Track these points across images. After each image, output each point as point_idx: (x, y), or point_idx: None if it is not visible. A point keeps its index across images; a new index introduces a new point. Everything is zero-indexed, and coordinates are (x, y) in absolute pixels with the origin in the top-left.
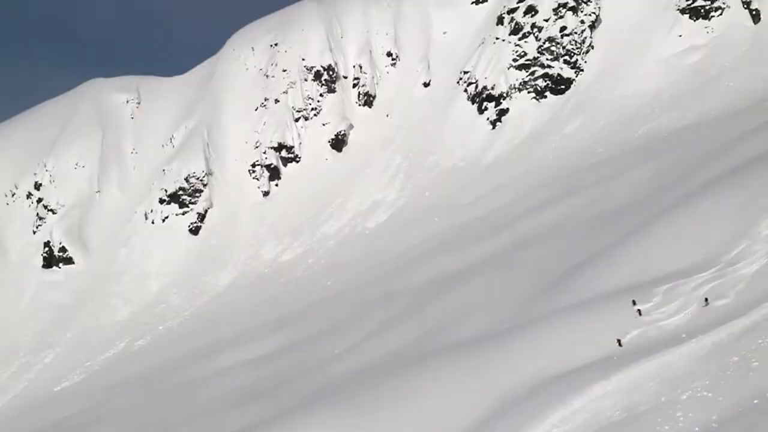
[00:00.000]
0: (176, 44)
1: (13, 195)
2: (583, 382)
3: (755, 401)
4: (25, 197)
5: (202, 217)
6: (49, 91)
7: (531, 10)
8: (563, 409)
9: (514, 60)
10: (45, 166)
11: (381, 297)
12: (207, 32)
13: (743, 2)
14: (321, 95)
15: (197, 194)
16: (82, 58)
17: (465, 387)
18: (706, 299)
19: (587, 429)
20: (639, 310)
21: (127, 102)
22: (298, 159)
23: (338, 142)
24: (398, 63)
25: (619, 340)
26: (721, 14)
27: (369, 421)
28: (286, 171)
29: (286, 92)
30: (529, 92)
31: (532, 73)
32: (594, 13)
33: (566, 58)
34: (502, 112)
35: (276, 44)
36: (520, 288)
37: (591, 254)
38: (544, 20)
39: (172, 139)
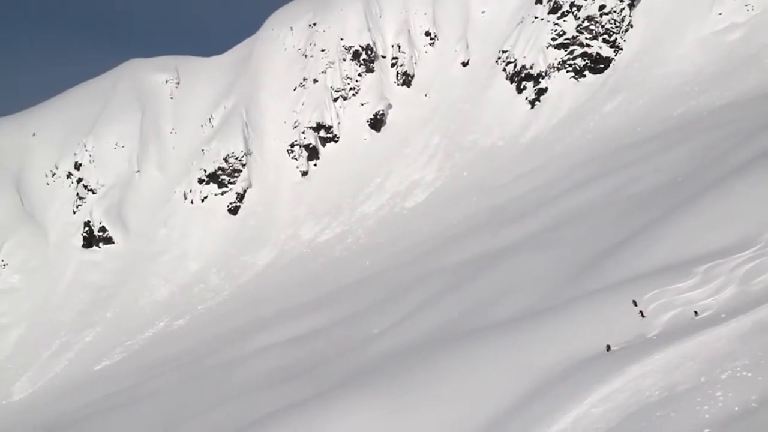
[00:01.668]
0: (215, 24)
1: (53, 175)
2: (622, 362)
3: None
4: (65, 177)
5: (241, 197)
6: (88, 71)
7: None
8: (603, 389)
9: (553, 39)
10: (85, 146)
11: (419, 277)
12: (246, 12)
13: None
14: (359, 75)
15: (236, 174)
16: (122, 38)
17: (503, 367)
18: (696, 312)
19: (627, 408)
20: (641, 311)
21: (167, 82)
22: (336, 139)
23: (377, 122)
24: (436, 42)
25: (608, 346)
26: None
27: (407, 402)
28: (324, 151)
29: (324, 72)
30: (567, 71)
31: (571, 52)
32: None
33: (605, 37)
34: (541, 92)
35: (314, 24)
36: (557, 268)
37: (628, 234)
38: None
39: (211, 119)
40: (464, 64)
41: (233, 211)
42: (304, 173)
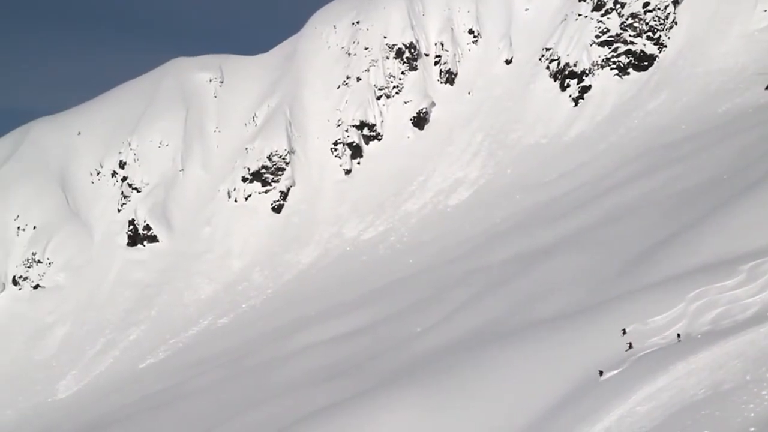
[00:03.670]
0: (259, 22)
1: (98, 174)
2: (666, 360)
3: None
4: (110, 176)
5: (284, 195)
6: (132, 70)
7: None
8: (647, 387)
9: (597, 36)
10: (129, 144)
11: (463, 275)
12: (289, 10)
13: None
14: (403, 73)
15: (279, 172)
16: (166, 37)
17: (547, 365)
18: (679, 335)
19: (671, 407)
20: (630, 343)
21: (210, 81)
22: (380, 137)
23: (420, 120)
24: (480, 40)
25: (600, 372)
26: None
27: (449, 401)
28: (368, 149)
29: (367, 70)
30: (611, 69)
31: (615, 50)
32: None
33: (649, 34)
34: (585, 89)
35: (358, 22)
36: (601, 266)
37: (674, 232)
38: None
39: (255, 118)
40: (507, 62)
41: (277, 209)
42: (348, 171)
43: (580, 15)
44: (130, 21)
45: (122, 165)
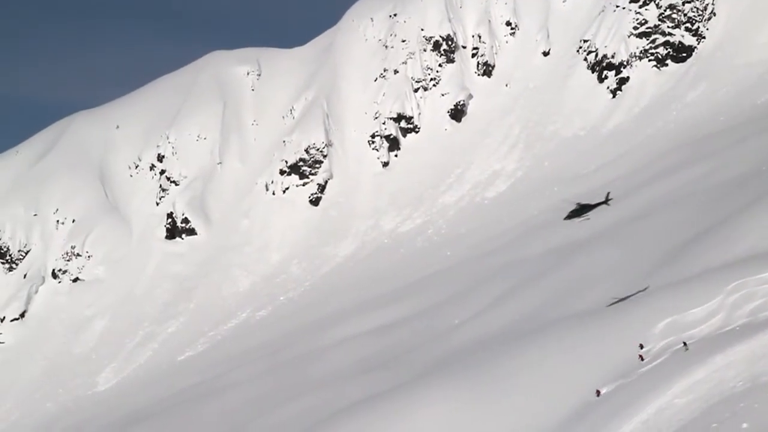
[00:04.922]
0: (296, 15)
1: (136, 167)
2: (705, 353)
3: None
4: (149, 169)
5: (322, 188)
6: (170, 63)
7: None
8: (685, 380)
9: (635, 28)
10: (167, 138)
11: (500, 267)
12: (326, 3)
13: None
14: (440, 65)
15: (317, 165)
16: (203, 31)
17: (584, 357)
18: (685, 343)
19: (710, 399)
20: (641, 356)
21: (248, 74)
22: (417, 129)
23: (457, 113)
24: (517, 32)
25: (598, 391)
26: None
27: (486, 393)
28: (405, 141)
29: (405, 63)
30: (649, 60)
31: (653, 41)
32: None
33: (688, 25)
34: (623, 81)
35: (395, 15)
36: (639, 259)
37: (712, 224)
38: None
39: (292, 111)
40: (545, 54)
41: (314, 202)
42: (385, 164)
43: (617, 6)
44: (166, 14)
45: (160, 158)
